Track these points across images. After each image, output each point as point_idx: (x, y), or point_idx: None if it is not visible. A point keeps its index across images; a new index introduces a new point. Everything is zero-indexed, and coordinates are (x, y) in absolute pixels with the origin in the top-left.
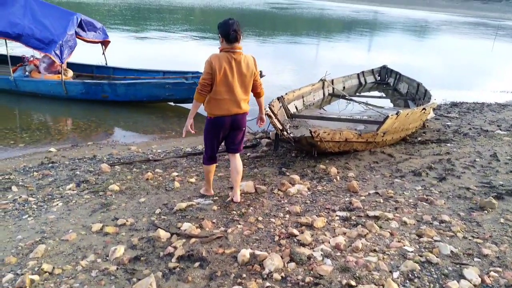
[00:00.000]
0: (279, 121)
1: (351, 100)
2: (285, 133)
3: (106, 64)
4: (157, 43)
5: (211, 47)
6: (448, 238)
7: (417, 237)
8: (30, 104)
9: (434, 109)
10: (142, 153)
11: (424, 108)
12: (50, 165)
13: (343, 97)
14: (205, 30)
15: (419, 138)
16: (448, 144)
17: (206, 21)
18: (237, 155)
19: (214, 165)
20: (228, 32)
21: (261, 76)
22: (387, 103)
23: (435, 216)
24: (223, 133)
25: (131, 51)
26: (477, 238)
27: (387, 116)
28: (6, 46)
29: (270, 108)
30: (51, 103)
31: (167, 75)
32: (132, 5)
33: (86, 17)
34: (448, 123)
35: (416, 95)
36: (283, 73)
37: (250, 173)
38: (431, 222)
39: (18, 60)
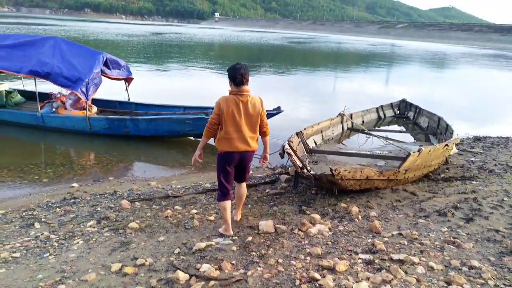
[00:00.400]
0: (299, 158)
1: (370, 134)
2: (305, 171)
3: (129, 99)
4: (178, 78)
5: (224, 81)
6: (479, 286)
7: (445, 285)
8: (55, 139)
9: (456, 144)
10: (162, 189)
11: (446, 144)
12: (72, 200)
13: (362, 131)
14: (224, 65)
15: (442, 175)
16: (474, 182)
17: (225, 56)
18: (243, 183)
19: (229, 202)
20: (235, 76)
21: (280, 111)
22: (407, 137)
23: (463, 261)
24: (233, 168)
25: (153, 86)
26: (509, 286)
27: (409, 154)
28: (35, 84)
29: (289, 145)
30: (75, 138)
31: (187, 110)
32: (155, 42)
33: (111, 55)
34: (472, 159)
35: (437, 129)
36: (301, 106)
37: (270, 211)
38: (460, 267)
39: (45, 97)
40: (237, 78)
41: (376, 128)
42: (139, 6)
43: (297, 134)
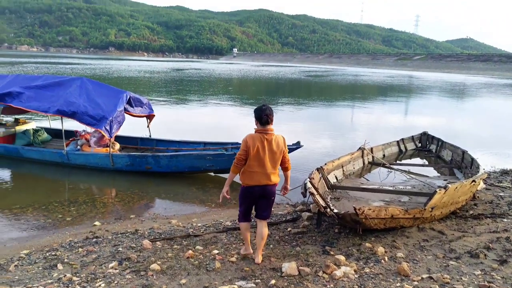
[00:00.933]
0: (322, 197)
1: (392, 168)
2: (328, 210)
3: (150, 136)
4: (198, 113)
5: (248, 117)
6: None
7: None
8: (79, 176)
9: (484, 179)
10: (183, 227)
11: (474, 180)
12: (94, 240)
13: (384, 165)
14: (243, 100)
15: (471, 212)
16: (505, 219)
17: (243, 91)
18: (264, 222)
19: (249, 223)
20: (261, 116)
21: (299, 146)
22: (430, 171)
23: None
24: (254, 200)
25: (174, 121)
26: None
27: (435, 191)
28: (62, 123)
29: (311, 183)
30: (98, 175)
31: (207, 146)
32: (176, 78)
33: (134, 94)
34: (501, 194)
35: (462, 163)
36: (321, 139)
37: (292, 251)
38: None
39: (71, 134)
40: (263, 118)
41: (398, 161)
42: (160, 44)
43: (318, 169)
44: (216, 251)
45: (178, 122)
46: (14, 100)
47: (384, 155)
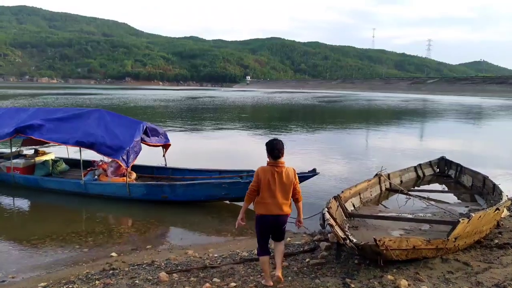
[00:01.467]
0: (340, 228)
1: (410, 195)
2: (347, 241)
3: (166, 165)
4: (213, 141)
5: (262, 145)
6: None
7: None
8: (96, 206)
9: (507, 206)
10: (199, 258)
11: (497, 208)
12: (111, 272)
13: (402, 192)
14: (257, 127)
15: (496, 241)
16: None
17: (257, 118)
18: (281, 241)
19: (268, 256)
20: (273, 150)
21: (315, 173)
22: (450, 198)
23: None
24: (268, 230)
25: (189, 149)
26: None
27: (458, 221)
28: (80, 153)
29: (329, 213)
30: (115, 204)
31: (222, 174)
32: (190, 106)
33: (150, 124)
34: None
35: (483, 189)
36: (336, 165)
37: (312, 284)
38: None
39: (88, 164)
40: (274, 153)
41: (416, 188)
42: (175, 73)
43: (335, 198)
44: (233, 284)
45: (193, 150)
46: (35, 132)
47: (401, 181)
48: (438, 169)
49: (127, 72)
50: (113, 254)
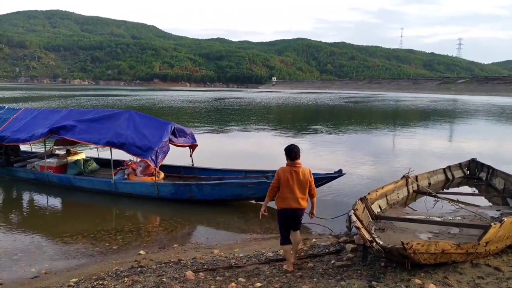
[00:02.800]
0: (367, 230)
1: (438, 198)
2: (374, 244)
3: (193, 165)
4: (239, 142)
5: (285, 143)
6: None
7: None
8: (125, 204)
9: None
10: (225, 258)
11: None
12: (139, 269)
13: (430, 194)
14: (282, 128)
15: None
16: None
17: (283, 119)
18: (297, 231)
19: (290, 245)
20: (291, 154)
21: (341, 174)
22: (481, 201)
23: None
24: (289, 220)
25: (215, 149)
26: None
27: (490, 225)
28: (111, 153)
29: (355, 215)
30: (143, 203)
31: (248, 174)
32: (218, 107)
33: (178, 125)
34: None
35: None
36: (362, 166)
37: (337, 286)
38: None
39: (118, 164)
40: (292, 155)
41: (445, 190)
42: (202, 74)
43: (361, 200)
44: (259, 284)
45: (219, 151)
46: (68, 133)
47: (429, 184)
48: (468, 171)
49: (155, 73)
50: (141, 252)
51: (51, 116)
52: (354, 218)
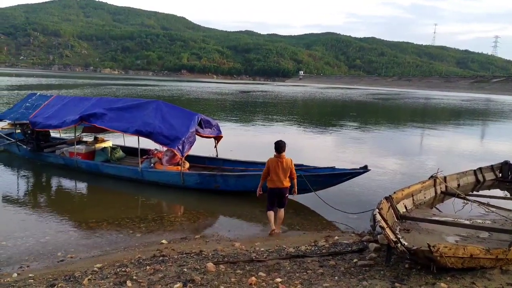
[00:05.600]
0: (392, 231)
1: (468, 200)
2: (399, 245)
3: (217, 156)
4: (264, 134)
5: (312, 139)
6: None
7: None
8: (150, 192)
9: None
10: (246, 251)
11: None
12: (161, 258)
13: (459, 196)
14: (308, 121)
15: None
16: None
17: (309, 113)
18: (282, 209)
19: (272, 212)
20: (277, 148)
21: (366, 170)
22: None
23: None
24: (275, 197)
25: (239, 141)
26: None
27: None
28: (138, 142)
29: (380, 215)
30: (168, 192)
31: None
32: (243, 100)
33: (204, 116)
34: None
35: None
36: (389, 163)
37: (359, 286)
38: None
39: (144, 153)
40: (278, 149)
41: (474, 192)
42: (229, 66)
43: (386, 199)
44: (279, 279)
45: (242, 143)
46: (98, 121)
47: (458, 185)
48: (500, 174)
49: (183, 64)
50: (164, 241)
51: (81, 104)
52: (378, 217)
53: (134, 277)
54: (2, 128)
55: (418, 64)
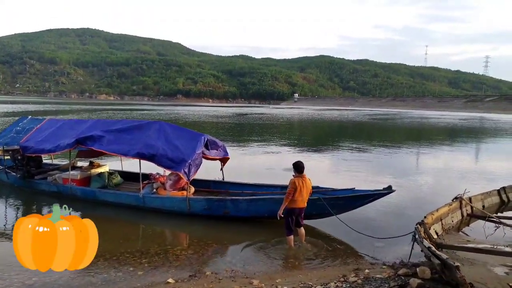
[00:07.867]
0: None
1: (501, 223)
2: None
3: (223, 179)
4: (262, 156)
5: (313, 160)
6: None
7: None
8: (152, 221)
9: None
10: None
11: None
12: None
13: (489, 218)
14: (304, 143)
15: None
16: None
17: (309, 136)
18: (301, 227)
19: (292, 236)
20: (299, 168)
21: (391, 191)
22: None
23: None
24: (295, 216)
25: (240, 163)
26: None
27: None
28: (140, 166)
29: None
30: (173, 219)
31: (284, 189)
32: (241, 122)
33: (210, 136)
34: None
35: None
36: (402, 184)
37: None
38: None
39: (144, 178)
40: (300, 170)
41: (503, 214)
42: (224, 90)
43: (420, 224)
44: None
45: (243, 165)
46: (95, 144)
47: (483, 206)
48: None
49: (178, 89)
50: (170, 280)
51: (77, 126)
52: (433, 248)
53: None
54: None
55: (411, 85)
